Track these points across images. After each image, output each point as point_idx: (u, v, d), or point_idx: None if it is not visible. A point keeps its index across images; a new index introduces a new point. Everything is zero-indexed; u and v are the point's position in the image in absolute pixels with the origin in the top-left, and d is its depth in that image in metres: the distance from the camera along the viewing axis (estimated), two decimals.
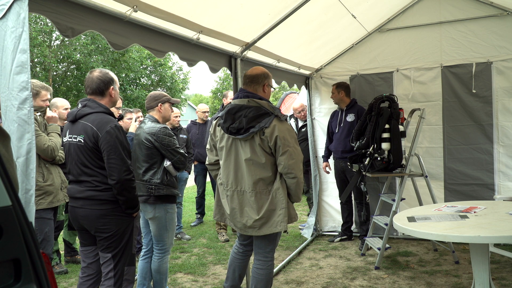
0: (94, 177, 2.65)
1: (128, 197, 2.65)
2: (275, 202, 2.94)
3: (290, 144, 2.89)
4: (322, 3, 3.96)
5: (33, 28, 19.23)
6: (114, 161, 2.59)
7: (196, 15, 3.13)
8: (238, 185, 3.02)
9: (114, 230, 2.66)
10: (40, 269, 1.13)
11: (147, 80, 25.90)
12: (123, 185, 2.60)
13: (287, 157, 2.87)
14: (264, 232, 2.97)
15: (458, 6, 4.96)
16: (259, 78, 3.06)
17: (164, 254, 3.53)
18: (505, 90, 4.86)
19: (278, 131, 2.86)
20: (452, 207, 3.47)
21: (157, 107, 3.51)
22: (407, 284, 3.99)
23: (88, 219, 2.67)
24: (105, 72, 2.80)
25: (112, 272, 2.69)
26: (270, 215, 2.94)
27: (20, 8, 1.98)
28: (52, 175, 3.99)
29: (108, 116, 2.70)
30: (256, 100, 2.95)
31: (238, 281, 3.33)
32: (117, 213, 2.67)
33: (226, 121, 2.97)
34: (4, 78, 2.04)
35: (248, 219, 2.98)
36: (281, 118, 2.92)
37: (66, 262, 4.97)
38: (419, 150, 4.94)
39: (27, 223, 1.12)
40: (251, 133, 2.87)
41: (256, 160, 2.93)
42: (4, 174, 1.10)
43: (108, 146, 2.59)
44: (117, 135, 2.62)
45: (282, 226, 2.93)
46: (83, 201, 2.67)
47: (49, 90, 4.03)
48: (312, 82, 5.74)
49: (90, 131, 2.63)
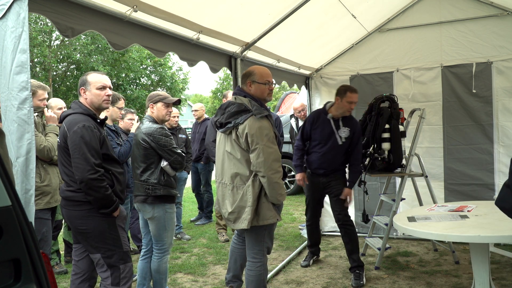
0: (71, 177, 2.70)
1: (96, 197, 2.63)
2: (244, 199, 2.98)
3: (260, 142, 2.88)
4: (322, 3, 3.96)
5: (33, 28, 19.23)
6: (77, 160, 2.61)
7: (196, 15, 3.13)
8: (223, 177, 3.12)
9: (94, 231, 2.68)
10: (40, 269, 1.13)
11: (147, 80, 25.90)
12: (87, 185, 2.60)
13: (255, 154, 2.90)
14: (237, 226, 3.05)
15: (458, 6, 4.96)
16: (244, 77, 3.14)
17: (163, 254, 3.53)
18: (505, 90, 4.86)
19: (249, 128, 2.89)
20: (443, 207, 3.51)
21: (149, 107, 3.54)
22: (407, 284, 3.99)
23: (69, 220, 2.74)
24: (85, 74, 2.85)
25: (108, 272, 2.70)
26: (240, 211, 3.01)
27: (20, 8, 1.99)
28: (49, 175, 3.99)
29: (82, 116, 2.70)
30: (240, 97, 3.03)
31: (240, 271, 3.39)
32: (94, 214, 2.68)
33: (216, 115, 3.15)
34: (4, 78, 2.05)
35: (226, 211, 3.09)
36: (256, 116, 2.90)
37: (66, 262, 4.97)
38: (419, 150, 4.94)
39: (27, 223, 1.12)
40: (227, 128, 2.99)
41: (233, 155, 3.01)
42: (4, 174, 1.10)
43: (73, 145, 2.62)
44: (83, 134, 2.62)
45: (244, 223, 2.96)
46: (64, 201, 2.75)
47: (46, 89, 4.02)
48: (312, 82, 5.74)
49: (62, 131, 2.71)
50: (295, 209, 7.77)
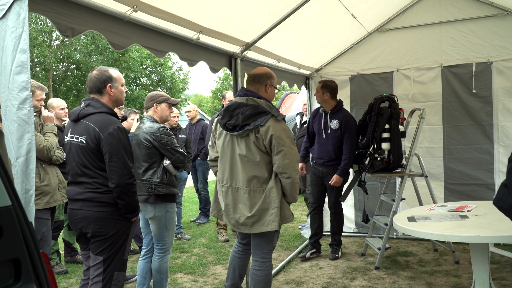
0: (95, 179, 2.59)
1: (128, 201, 2.59)
2: (268, 201, 2.94)
3: (285, 143, 2.89)
4: (322, 3, 3.96)
5: (33, 28, 19.24)
6: (115, 164, 2.53)
7: (196, 15, 3.13)
8: (233, 181, 3.04)
9: (111, 234, 2.59)
10: (40, 269, 1.13)
11: (147, 80, 25.92)
12: (123, 189, 2.55)
13: (281, 156, 2.88)
14: (255, 230, 2.99)
15: (458, 6, 4.96)
16: (262, 78, 3.08)
17: (164, 253, 3.54)
18: (505, 90, 4.87)
19: (273, 130, 2.87)
20: (443, 207, 3.51)
21: (153, 107, 3.54)
22: (407, 284, 3.99)
23: (87, 221, 2.60)
24: (104, 70, 2.73)
25: (100, 276, 2.60)
26: (262, 214, 2.95)
27: (20, 8, 1.98)
28: (48, 175, 3.98)
29: (111, 117, 2.63)
30: (254, 99, 2.97)
31: (239, 280, 3.34)
32: (115, 217, 2.60)
33: (224, 117, 3.01)
34: (4, 78, 2.05)
35: (241, 216, 3.00)
36: (278, 117, 2.92)
37: (66, 262, 4.97)
38: (419, 150, 4.94)
39: (27, 223, 1.12)
40: (246, 130, 2.90)
41: (251, 158, 2.95)
42: (4, 174, 1.10)
43: (110, 148, 2.53)
44: (120, 137, 2.56)
45: (273, 225, 2.93)
46: (82, 202, 2.61)
47: (44, 89, 4.01)
48: (312, 82, 5.74)
49: (92, 132, 2.56)
50: (295, 209, 7.76)
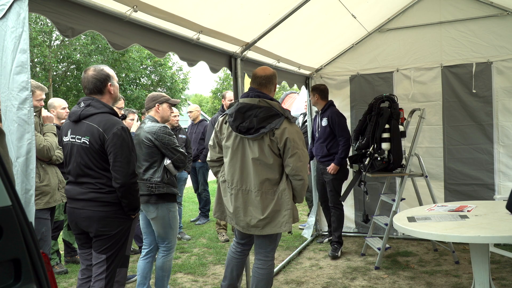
0: (98, 179, 2.60)
1: (131, 200, 2.62)
2: (280, 203, 2.94)
3: (299, 146, 2.90)
4: (322, 3, 3.96)
5: (33, 28, 19.24)
6: (120, 164, 2.54)
7: (196, 15, 3.13)
8: (244, 184, 3.00)
9: (114, 232, 2.62)
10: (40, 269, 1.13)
11: (147, 80, 25.92)
12: (128, 189, 2.57)
13: (295, 159, 2.88)
14: (267, 231, 2.98)
15: (458, 6, 4.96)
16: (272, 78, 3.09)
17: (169, 252, 3.56)
18: (505, 90, 4.87)
19: (288, 133, 2.86)
20: (443, 207, 3.51)
21: (154, 107, 3.55)
22: (407, 284, 3.99)
23: (90, 221, 2.61)
24: (100, 69, 2.72)
25: (104, 274, 2.63)
26: (274, 216, 2.95)
27: (20, 8, 1.98)
28: (48, 175, 3.98)
29: (114, 117, 2.64)
30: (267, 101, 2.94)
31: (236, 280, 3.34)
32: (118, 215, 2.63)
33: (236, 119, 2.94)
34: (4, 78, 2.04)
35: (252, 218, 2.98)
36: (291, 120, 2.93)
37: (66, 262, 4.97)
38: (419, 150, 4.94)
39: (27, 223, 1.12)
40: (261, 133, 2.87)
41: (264, 161, 2.92)
42: (4, 174, 1.10)
43: (115, 148, 2.53)
44: (124, 137, 2.57)
45: (287, 227, 2.94)
46: (84, 202, 2.61)
47: (44, 90, 4.01)
48: (312, 82, 5.74)
49: (96, 132, 2.56)
50: None
